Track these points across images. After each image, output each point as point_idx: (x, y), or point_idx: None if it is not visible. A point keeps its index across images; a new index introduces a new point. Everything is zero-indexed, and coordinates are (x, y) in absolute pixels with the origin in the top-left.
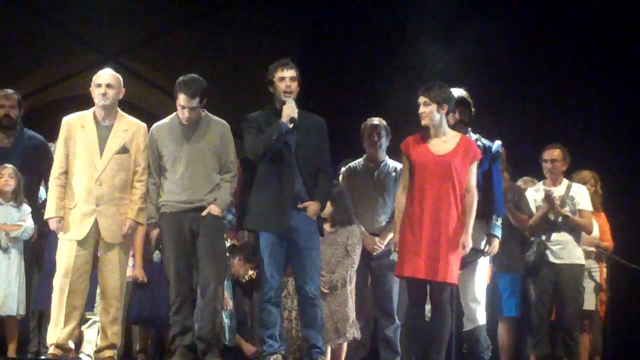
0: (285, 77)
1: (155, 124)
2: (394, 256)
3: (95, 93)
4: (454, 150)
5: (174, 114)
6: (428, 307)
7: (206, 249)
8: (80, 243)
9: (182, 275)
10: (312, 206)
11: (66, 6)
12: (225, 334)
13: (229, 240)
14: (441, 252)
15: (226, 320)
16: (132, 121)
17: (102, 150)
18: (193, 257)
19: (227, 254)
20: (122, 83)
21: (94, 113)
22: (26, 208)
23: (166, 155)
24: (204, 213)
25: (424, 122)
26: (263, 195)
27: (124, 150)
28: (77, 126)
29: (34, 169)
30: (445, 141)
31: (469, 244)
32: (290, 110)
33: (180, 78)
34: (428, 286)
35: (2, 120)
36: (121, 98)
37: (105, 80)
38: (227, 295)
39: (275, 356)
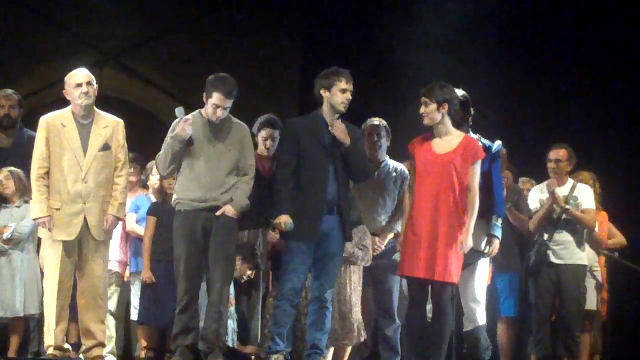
0: (347, 91)
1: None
2: (397, 256)
3: (76, 93)
4: (455, 149)
5: (197, 111)
6: (429, 307)
7: (217, 250)
8: (67, 243)
9: (191, 274)
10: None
11: (66, 6)
12: (229, 335)
13: None
14: (440, 251)
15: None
16: (110, 118)
17: (85, 148)
18: (203, 256)
19: None
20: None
21: (72, 111)
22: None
23: (186, 151)
24: (219, 213)
25: (425, 121)
26: (297, 203)
27: (106, 147)
28: (57, 125)
29: None
30: (448, 140)
31: (468, 244)
32: (286, 226)
33: (213, 76)
34: (429, 286)
35: (3, 120)
36: (121, 98)
37: (85, 78)
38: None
39: (276, 355)
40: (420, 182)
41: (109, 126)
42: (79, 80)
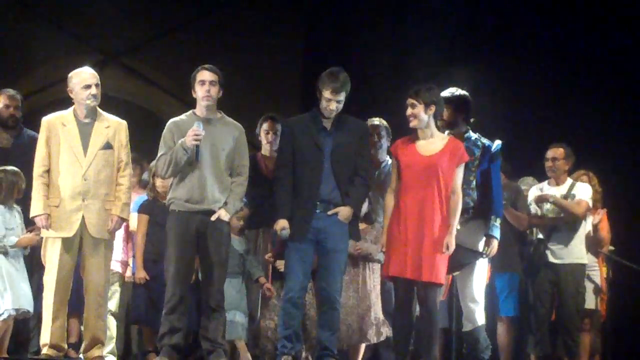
0: (332, 101)
1: (172, 120)
2: (381, 257)
3: (84, 94)
4: (440, 151)
5: (190, 112)
6: None
7: (212, 253)
8: (66, 240)
9: (181, 276)
10: (342, 211)
11: (66, 6)
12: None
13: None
14: (426, 252)
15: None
16: (113, 118)
17: (85, 147)
18: (195, 258)
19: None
20: None
21: (74, 112)
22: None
23: None
24: (214, 218)
25: (412, 123)
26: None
27: (108, 146)
28: (57, 125)
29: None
30: (433, 142)
31: (453, 245)
32: (281, 234)
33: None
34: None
35: (9, 121)
36: (122, 98)
37: (94, 80)
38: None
39: (285, 357)
40: (405, 184)
41: (111, 126)
42: (89, 82)
